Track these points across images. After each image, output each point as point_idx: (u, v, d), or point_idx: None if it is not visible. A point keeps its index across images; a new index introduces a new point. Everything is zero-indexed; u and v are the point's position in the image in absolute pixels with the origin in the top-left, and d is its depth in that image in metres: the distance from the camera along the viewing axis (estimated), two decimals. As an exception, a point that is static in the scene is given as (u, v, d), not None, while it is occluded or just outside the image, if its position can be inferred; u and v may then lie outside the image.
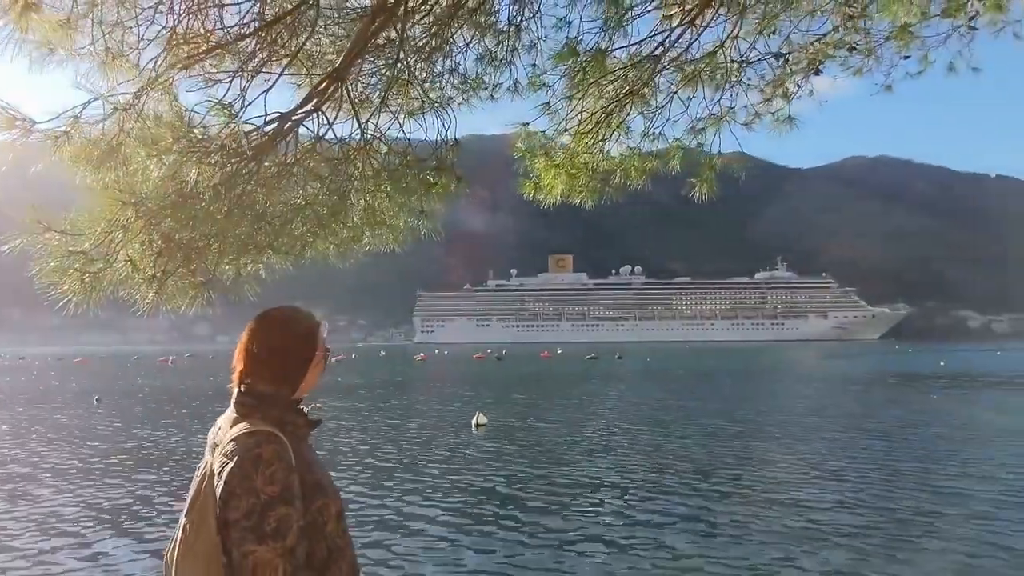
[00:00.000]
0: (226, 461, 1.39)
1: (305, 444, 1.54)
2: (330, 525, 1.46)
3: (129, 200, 1.80)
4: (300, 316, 1.62)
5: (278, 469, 1.37)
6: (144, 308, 2.08)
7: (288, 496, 1.36)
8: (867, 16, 3.86)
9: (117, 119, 1.81)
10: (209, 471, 1.44)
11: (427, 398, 24.92)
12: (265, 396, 1.51)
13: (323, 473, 1.53)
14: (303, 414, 1.56)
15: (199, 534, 1.39)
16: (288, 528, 1.34)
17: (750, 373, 39.33)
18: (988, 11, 3.73)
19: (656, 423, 16.46)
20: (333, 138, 2.57)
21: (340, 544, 1.48)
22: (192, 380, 36.95)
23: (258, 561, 1.31)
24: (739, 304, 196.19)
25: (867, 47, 3.97)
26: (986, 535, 6.96)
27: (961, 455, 11.70)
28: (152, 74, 1.93)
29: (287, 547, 1.33)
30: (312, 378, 1.60)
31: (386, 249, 3.03)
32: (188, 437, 14.71)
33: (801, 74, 3.95)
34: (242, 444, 1.39)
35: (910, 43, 3.93)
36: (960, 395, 23.87)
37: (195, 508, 1.43)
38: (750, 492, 9.12)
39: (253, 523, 1.32)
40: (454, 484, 9.74)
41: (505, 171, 3.41)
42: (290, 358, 1.55)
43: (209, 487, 1.42)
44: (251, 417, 1.46)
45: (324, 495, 1.47)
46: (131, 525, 7.68)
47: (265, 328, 1.57)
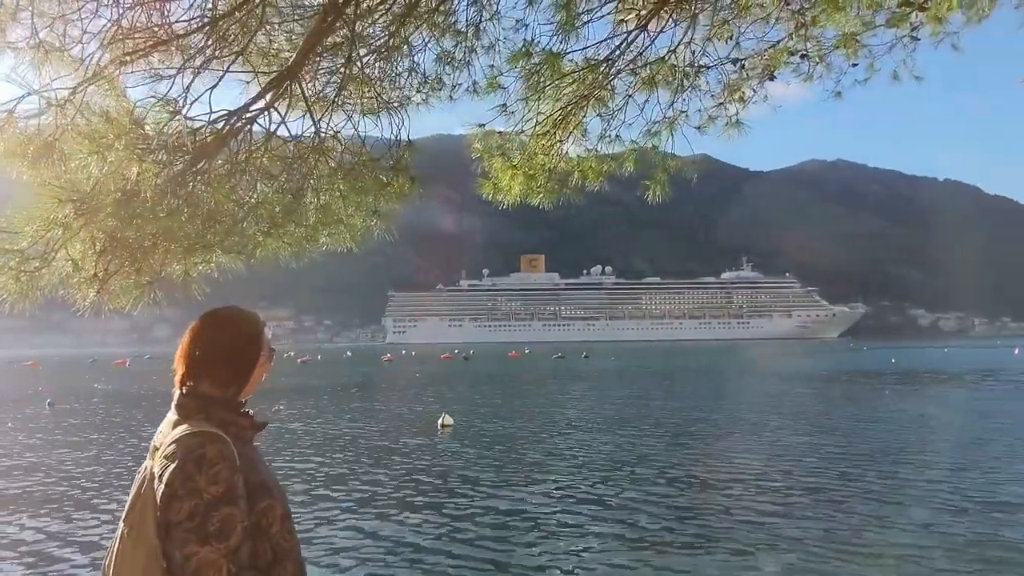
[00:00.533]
0: (167, 463, 1.36)
1: (250, 446, 1.52)
2: (275, 527, 1.45)
3: (68, 197, 1.75)
4: (243, 317, 1.59)
5: (222, 469, 1.35)
6: (85, 308, 2.02)
7: (232, 496, 1.34)
8: (817, 25, 3.99)
9: (54, 114, 1.75)
10: (149, 474, 1.41)
11: (393, 399, 24.70)
12: (208, 398, 1.48)
13: (268, 474, 1.51)
14: (248, 416, 1.54)
15: (137, 539, 1.36)
16: (232, 528, 1.32)
17: (711, 371, 40.14)
18: (929, 23, 3.90)
19: (619, 422, 16.66)
20: (287, 136, 2.53)
21: (286, 546, 1.46)
22: (150, 383, 35.83)
23: (202, 562, 1.29)
24: (706, 304, 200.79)
25: (818, 54, 4.10)
26: (933, 527, 7.27)
27: (911, 450, 12.18)
28: (95, 68, 1.88)
29: (231, 547, 1.31)
30: (256, 379, 1.58)
31: (342, 249, 3.01)
32: (143, 442, 14.26)
33: (756, 79, 4.07)
34: (184, 445, 1.37)
35: (857, 51, 4.07)
36: (911, 391, 24.82)
37: (133, 512, 1.40)
38: (708, 491, 9.32)
39: (196, 524, 1.30)
40: (419, 485, 9.68)
41: (472, 171, 3.42)
42: (234, 359, 1.53)
43: (148, 490, 1.39)
44: (193, 419, 1.44)
45: (269, 496, 1.46)
46: (79, 533, 7.42)
47: (208, 329, 1.54)
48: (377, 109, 2.73)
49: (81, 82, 1.79)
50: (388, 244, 3.12)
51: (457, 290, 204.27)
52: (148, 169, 1.70)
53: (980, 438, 13.36)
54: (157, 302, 2.16)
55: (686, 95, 3.83)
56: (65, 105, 1.76)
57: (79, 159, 1.73)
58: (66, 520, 7.96)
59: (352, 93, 2.68)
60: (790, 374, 36.54)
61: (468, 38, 3.29)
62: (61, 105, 1.73)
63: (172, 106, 1.94)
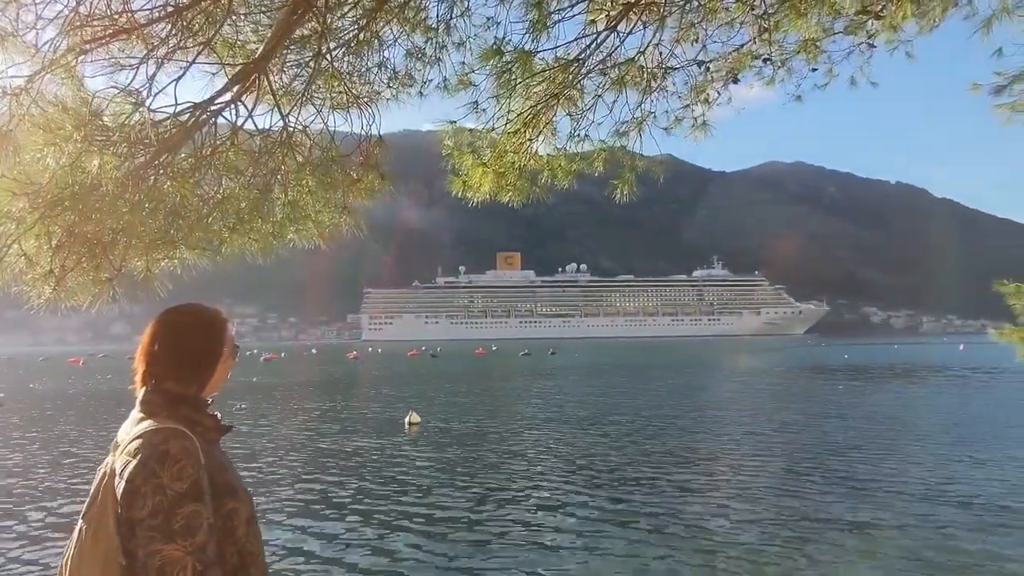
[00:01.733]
0: (129, 459, 1.32)
1: (216, 446, 1.49)
2: (241, 529, 1.42)
3: (23, 191, 1.67)
4: (205, 313, 1.56)
5: (186, 465, 1.32)
6: (40, 305, 1.94)
7: (196, 493, 1.31)
8: (779, 30, 4.10)
9: (8, 103, 1.67)
10: (110, 471, 1.38)
11: (359, 397, 24.42)
12: (173, 395, 1.45)
13: (234, 476, 1.48)
14: (213, 417, 1.51)
15: (96, 537, 1.33)
16: (198, 526, 1.29)
17: (676, 367, 40.85)
18: (885, 31, 4.04)
19: (582, 419, 16.85)
20: (254, 130, 2.48)
21: (251, 549, 1.44)
22: (105, 382, 34.59)
23: (166, 560, 1.25)
24: (678, 301, 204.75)
25: (780, 59, 4.22)
26: (885, 519, 7.57)
27: (862, 445, 12.64)
28: (51, 56, 1.80)
29: (197, 544, 1.28)
30: (220, 375, 1.55)
31: (310, 245, 2.96)
32: (96, 442, 13.78)
33: (721, 82, 4.16)
34: (148, 441, 1.34)
35: (817, 56, 4.20)
36: (862, 387, 25.71)
37: (93, 509, 1.36)
38: (664, 486, 9.49)
39: (160, 522, 1.27)
40: (386, 483, 9.61)
41: (441, 168, 3.40)
42: (196, 356, 1.50)
43: (108, 487, 1.35)
44: (158, 416, 1.41)
45: (235, 498, 1.43)
46: (29, 532, 7.13)
47: (168, 326, 1.51)
48: (347, 104, 2.70)
49: (37, 70, 1.72)
50: (354, 241, 3.08)
51: (433, 287, 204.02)
52: (109, 162, 1.64)
53: (930, 432, 13.95)
54: (116, 299, 2.09)
55: (654, 96, 3.90)
56: (20, 94, 1.68)
57: (35, 151, 1.66)
58: (12, 518, 7.64)
59: (321, 87, 2.64)
60: (751, 370, 37.47)
61: (439, 34, 3.28)
62: (16, 94, 1.65)
63: (134, 97, 1.88)
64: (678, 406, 19.42)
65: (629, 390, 25.22)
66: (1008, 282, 5.38)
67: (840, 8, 3.81)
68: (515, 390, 26.64)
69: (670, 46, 3.48)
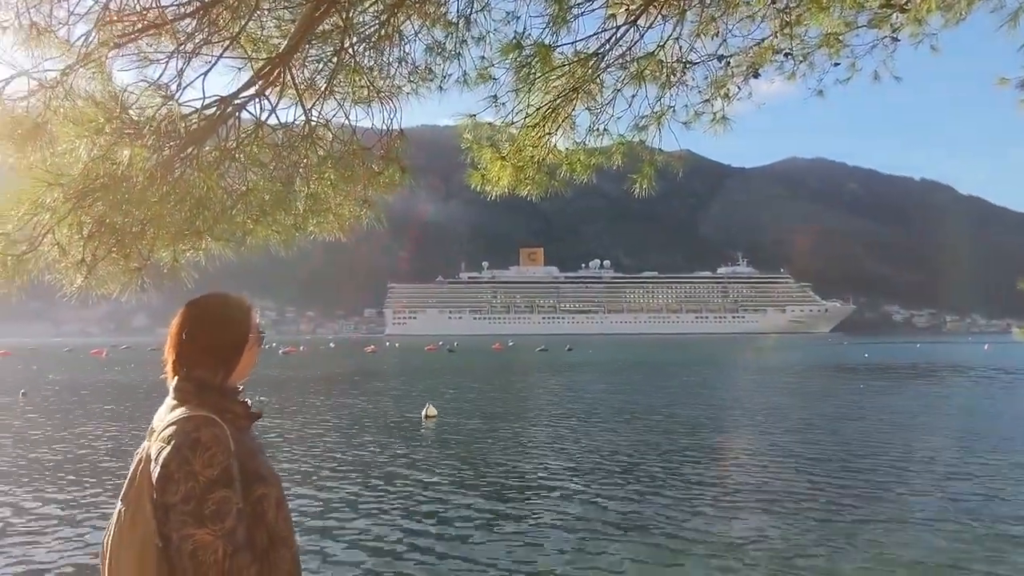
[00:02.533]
0: (163, 446, 1.38)
1: (247, 433, 1.54)
2: (270, 513, 1.46)
3: (56, 181, 1.73)
4: (230, 301, 1.61)
5: (216, 452, 1.37)
6: (72, 293, 2.00)
7: (226, 479, 1.37)
8: (801, 24, 4.05)
9: (43, 96, 1.72)
10: (145, 456, 1.43)
11: (377, 390, 24.63)
12: (202, 382, 1.50)
13: (264, 462, 1.53)
14: (243, 404, 1.56)
15: (134, 519, 1.39)
16: (227, 511, 1.35)
17: (694, 365, 40.61)
18: (909, 24, 3.98)
19: (594, 415, 16.84)
20: (276, 124, 2.52)
21: (282, 532, 1.48)
22: (128, 374, 35.31)
23: (198, 544, 1.31)
24: (702, 298, 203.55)
25: (801, 53, 4.17)
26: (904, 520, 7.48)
27: (883, 446, 12.48)
28: (82, 51, 1.85)
29: (227, 528, 1.33)
30: (247, 362, 1.60)
31: (330, 238, 3.01)
32: (119, 433, 14.09)
33: (741, 76, 4.12)
34: (180, 428, 1.39)
35: (839, 51, 4.14)
36: (884, 387, 25.35)
37: (130, 493, 1.42)
38: (678, 484, 9.47)
39: (192, 507, 1.32)
40: (402, 475, 9.71)
41: (457, 163, 3.42)
42: (223, 343, 1.55)
43: (145, 472, 1.41)
44: (189, 403, 1.46)
45: (264, 484, 1.47)
46: (56, 523, 7.33)
47: (195, 315, 1.56)
48: (368, 98, 2.73)
49: (69, 64, 1.77)
50: (371, 235, 3.11)
51: (457, 282, 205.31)
52: (139, 153, 1.69)
53: (954, 432, 13.73)
54: (144, 288, 2.15)
55: (673, 91, 3.88)
56: (55, 87, 1.73)
57: (67, 142, 1.71)
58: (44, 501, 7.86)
59: (342, 82, 2.67)
60: (770, 368, 37.11)
61: (458, 29, 3.29)
62: (52, 87, 1.70)
63: (164, 91, 1.92)
64: (694, 404, 19.33)
65: (644, 387, 25.14)
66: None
67: (863, 1, 3.75)
68: (531, 386, 26.70)
69: (690, 40, 3.46)
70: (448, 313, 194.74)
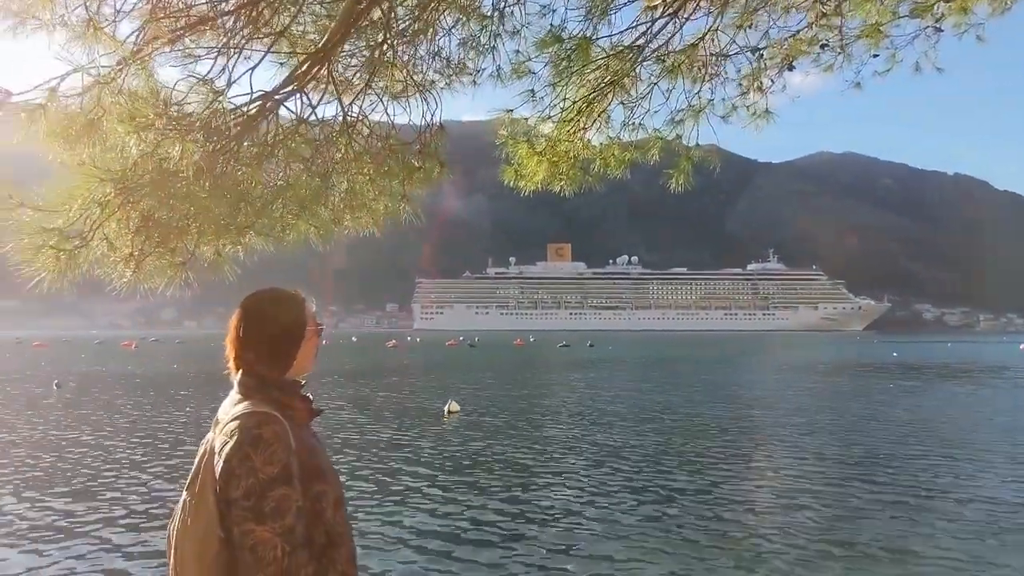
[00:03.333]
0: (227, 440, 1.40)
1: (307, 430, 1.55)
2: (329, 512, 1.47)
3: (108, 177, 1.75)
4: (285, 295, 1.62)
5: (277, 449, 1.38)
6: (121, 287, 2.04)
7: (286, 476, 1.38)
8: (840, 14, 3.94)
9: (96, 93, 1.75)
10: (210, 448, 1.45)
11: (400, 385, 24.83)
12: (264, 378, 1.52)
13: (324, 459, 1.54)
14: (305, 399, 1.58)
15: (198, 510, 1.41)
16: (287, 508, 1.36)
17: (718, 361, 40.14)
18: (953, 13, 3.85)
19: (613, 412, 16.75)
20: (315, 119, 2.53)
21: (339, 530, 1.49)
22: (156, 366, 36.16)
23: (257, 541, 1.33)
24: (731, 294, 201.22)
25: (839, 44, 4.05)
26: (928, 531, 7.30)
27: (914, 448, 12.20)
28: (132, 48, 1.88)
29: (286, 526, 1.35)
30: (307, 355, 1.62)
31: (366, 233, 3.02)
32: (151, 423, 14.43)
33: (775, 69, 4.03)
34: (242, 424, 1.41)
35: (879, 42, 4.02)
36: (913, 387, 24.78)
37: (195, 484, 1.44)
38: (695, 482, 9.36)
39: (252, 503, 1.34)
40: (429, 470, 9.77)
41: (479, 158, 3.39)
42: (279, 338, 1.56)
43: (209, 464, 1.43)
44: (252, 398, 1.48)
45: (324, 481, 1.48)
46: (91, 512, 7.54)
47: (250, 312, 1.57)
48: (404, 93, 2.73)
49: (120, 60, 1.79)
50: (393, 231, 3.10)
51: (484, 278, 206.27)
52: (189, 149, 1.71)
53: (985, 436, 13.35)
54: (189, 283, 2.18)
55: (707, 85, 3.80)
56: (108, 83, 1.76)
57: (116, 138, 1.74)
58: (81, 498, 8.08)
59: (380, 77, 2.67)
60: (798, 366, 36.52)
61: (493, 22, 3.27)
62: (107, 83, 1.73)
63: (210, 86, 1.94)
64: (714, 402, 19.11)
65: (664, 385, 24.92)
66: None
67: (906, -10, 3.64)
68: (552, 382, 26.67)
69: (730, 33, 3.39)
70: (475, 309, 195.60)
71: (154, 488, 8.59)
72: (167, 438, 12.43)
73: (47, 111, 1.69)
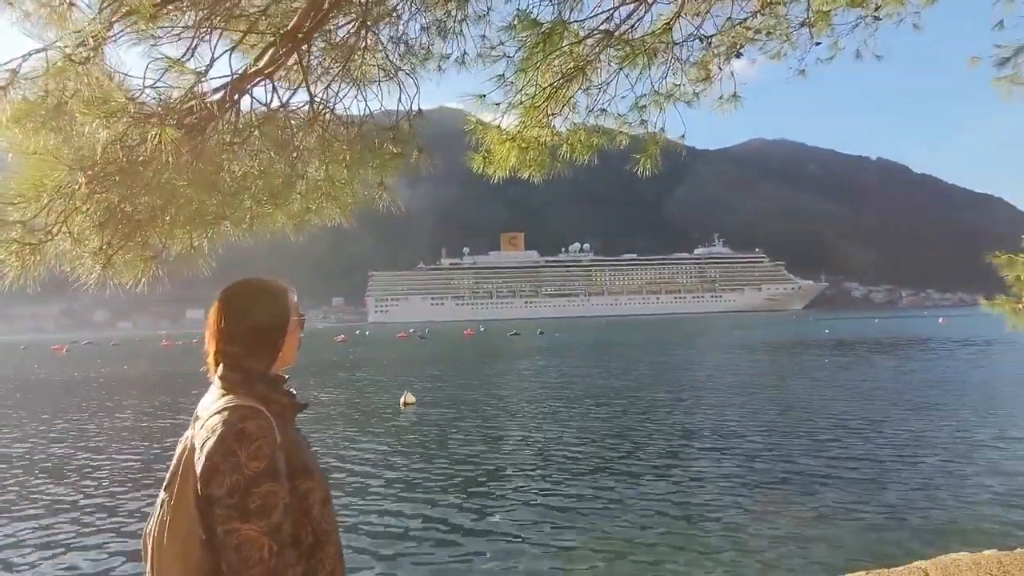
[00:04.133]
0: (208, 436, 1.32)
1: (291, 425, 1.49)
2: (316, 509, 1.41)
3: (77, 166, 1.63)
4: (267, 284, 1.55)
5: (263, 445, 1.31)
6: (91, 283, 1.91)
7: (273, 472, 1.31)
8: (783, 3, 4.08)
9: (61, 75, 1.62)
10: (190, 445, 1.38)
11: (353, 379, 24.41)
12: (248, 371, 1.45)
13: (309, 455, 1.47)
14: (289, 394, 1.50)
15: (178, 509, 1.34)
16: (274, 506, 1.29)
17: (664, 344, 41.31)
18: (889, 3, 4.05)
19: (561, 397, 17.06)
20: (285, 105, 2.44)
21: (326, 528, 1.43)
22: (92, 370, 34.22)
23: (243, 540, 1.26)
24: (681, 278, 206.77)
25: (784, 32, 4.20)
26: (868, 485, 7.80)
27: (840, 417, 12.96)
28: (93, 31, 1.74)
29: (272, 524, 1.28)
30: (291, 347, 1.55)
31: (330, 224, 2.94)
32: (86, 427, 13.69)
33: (723, 56, 4.14)
34: (226, 418, 1.33)
35: (823, 30, 4.19)
36: (847, 361, 26.24)
37: (174, 483, 1.37)
38: (638, 465, 9.67)
39: (237, 501, 1.27)
40: (389, 462, 9.69)
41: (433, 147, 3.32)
42: (263, 330, 1.49)
43: (189, 461, 1.35)
44: (236, 392, 1.41)
45: (310, 478, 1.42)
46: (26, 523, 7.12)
47: (234, 302, 1.49)
48: (379, 79, 2.66)
49: (82, 42, 1.66)
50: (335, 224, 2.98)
51: (438, 269, 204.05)
52: (169, 134, 1.61)
53: (918, 404, 14.32)
54: (159, 278, 2.07)
55: (664, 71, 3.88)
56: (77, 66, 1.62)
57: (84, 124, 1.62)
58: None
59: (354, 62, 2.59)
60: (737, 345, 38.01)
61: (459, 6, 3.22)
62: (75, 64, 1.60)
63: (189, 69, 1.83)
64: (661, 383, 19.70)
65: (608, 368, 25.48)
66: (1001, 253, 5.48)
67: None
68: (505, 371, 26.82)
69: (694, 21, 3.47)
70: (430, 300, 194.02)
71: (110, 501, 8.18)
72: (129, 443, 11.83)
73: (8, 94, 1.55)
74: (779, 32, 4.08)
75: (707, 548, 5.89)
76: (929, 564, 3.52)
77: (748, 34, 4.09)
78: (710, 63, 4.15)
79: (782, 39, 4.13)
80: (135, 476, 9.30)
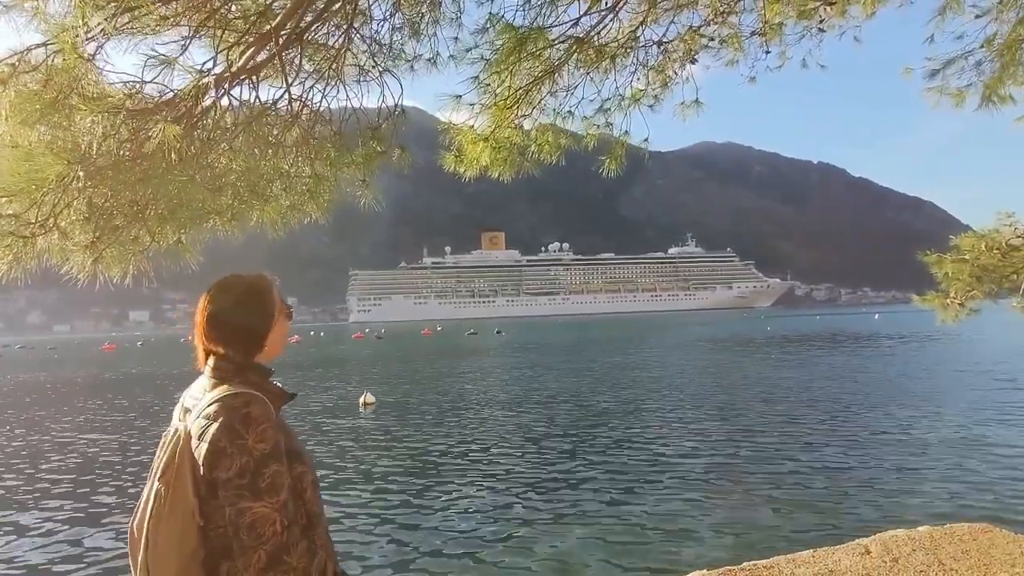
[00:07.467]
0: (209, 422, 1.36)
1: (279, 414, 1.53)
2: (308, 492, 1.48)
3: (75, 159, 1.64)
4: (253, 278, 1.58)
5: (267, 427, 1.37)
6: (81, 277, 1.91)
7: (277, 453, 1.37)
8: (736, 12, 4.32)
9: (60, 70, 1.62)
10: (185, 435, 1.41)
11: (310, 379, 23.95)
12: (239, 362, 1.50)
13: (298, 442, 1.53)
14: (276, 385, 1.55)
15: (174, 498, 1.37)
16: (281, 484, 1.36)
17: (626, 341, 42.10)
18: (833, 16, 4.35)
19: (514, 394, 17.27)
20: (267, 104, 2.48)
21: (316, 511, 1.50)
22: (29, 374, 32.40)
23: (256, 517, 1.31)
24: (656, 276, 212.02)
25: (736, 41, 4.45)
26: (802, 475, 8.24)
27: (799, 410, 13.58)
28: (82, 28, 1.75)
29: (281, 501, 1.34)
30: (278, 339, 1.59)
31: (311, 220, 2.98)
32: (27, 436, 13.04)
33: (679, 62, 4.36)
34: (228, 404, 1.38)
35: (773, 39, 4.46)
36: (788, 357, 27.38)
37: (168, 472, 1.39)
38: (586, 464, 9.94)
39: (247, 481, 1.32)
40: (350, 463, 9.64)
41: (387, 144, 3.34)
42: (251, 323, 1.53)
43: (185, 450, 1.39)
44: (230, 381, 1.45)
45: (302, 462, 1.49)
46: None
47: (218, 299, 1.53)
48: (359, 78, 2.72)
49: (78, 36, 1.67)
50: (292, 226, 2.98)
51: (420, 268, 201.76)
52: (172, 131, 1.64)
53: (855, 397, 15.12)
54: (146, 273, 2.08)
55: (632, 76, 4.07)
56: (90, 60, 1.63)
57: (82, 119, 1.63)
58: None
59: (336, 61, 2.65)
60: (689, 342, 39.12)
61: (432, 7, 3.31)
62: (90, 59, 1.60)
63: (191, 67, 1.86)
64: (606, 385, 20.14)
65: (558, 368, 25.81)
66: (931, 253, 5.92)
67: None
68: (462, 369, 26.85)
69: (659, 28, 3.65)
70: (413, 299, 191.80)
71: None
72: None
73: (7, 87, 1.55)
74: (731, 41, 4.33)
75: (645, 539, 6.03)
76: (869, 541, 3.78)
77: (702, 41, 4.33)
78: (668, 68, 4.37)
79: (735, 48, 4.38)
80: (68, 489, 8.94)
